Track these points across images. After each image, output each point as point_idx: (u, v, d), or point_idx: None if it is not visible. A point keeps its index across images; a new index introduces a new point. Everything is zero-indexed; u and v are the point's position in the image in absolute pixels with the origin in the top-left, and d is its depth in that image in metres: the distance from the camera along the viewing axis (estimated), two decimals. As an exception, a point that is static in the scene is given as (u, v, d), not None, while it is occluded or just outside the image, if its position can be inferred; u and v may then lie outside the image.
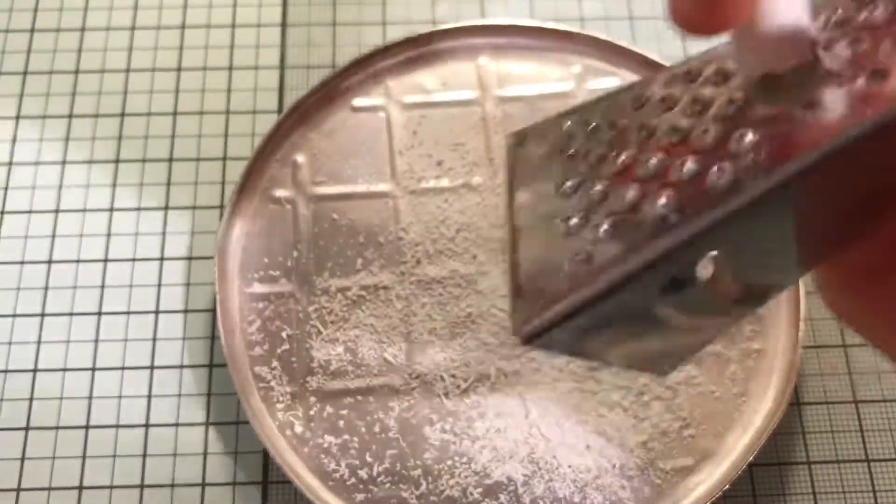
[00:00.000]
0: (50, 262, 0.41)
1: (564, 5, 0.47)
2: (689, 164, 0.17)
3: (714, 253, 0.17)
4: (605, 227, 0.18)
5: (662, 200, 0.17)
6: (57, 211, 0.42)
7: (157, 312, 0.40)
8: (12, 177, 0.43)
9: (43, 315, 0.40)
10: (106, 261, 0.41)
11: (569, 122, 0.21)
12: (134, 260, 0.41)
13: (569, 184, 0.20)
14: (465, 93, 0.44)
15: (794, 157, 0.16)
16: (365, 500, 0.36)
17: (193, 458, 0.38)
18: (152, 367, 0.39)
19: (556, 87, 0.44)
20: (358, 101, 0.43)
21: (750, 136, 0.17)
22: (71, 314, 0.40)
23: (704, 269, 0.17)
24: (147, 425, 0.38)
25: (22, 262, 0.41)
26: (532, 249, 0.19)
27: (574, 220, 0.19)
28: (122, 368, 0.39)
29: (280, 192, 0.41)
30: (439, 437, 0.37)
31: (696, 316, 0.19)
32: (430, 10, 0.47)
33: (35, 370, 0.39)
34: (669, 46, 0.46)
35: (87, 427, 0.38)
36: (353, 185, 0.42)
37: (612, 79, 0.44)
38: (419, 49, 0.44)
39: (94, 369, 0.39)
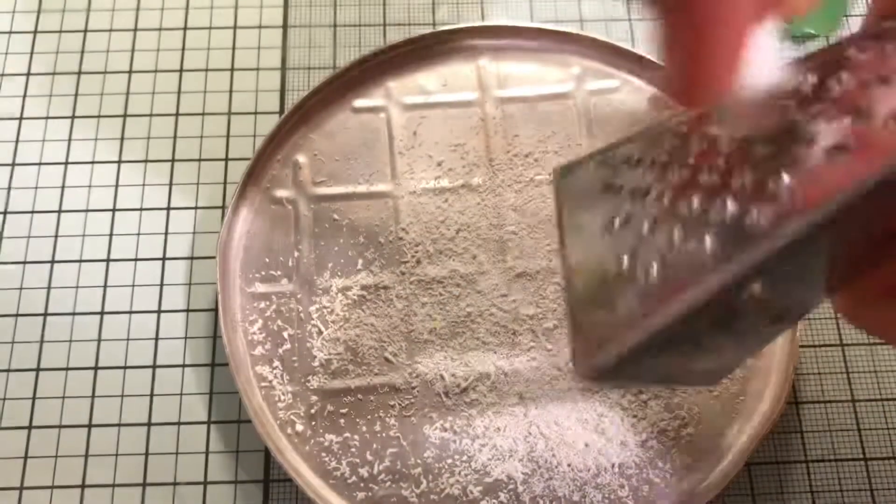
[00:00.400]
0: (52, 262, 0.41)
1: (564, 7, 0.48)
2: (731, 206, 0.18)
3: (758, 285, 0.18)
4: (655, 266, 0.19)
5: (709, 240, 0.18)
6: (59, 211, 0.43)
7: (159, 312, 0.41)
8: (15, 177, 0.43)
9: (45, 315, 0.40)
10: (108, 261, 0.42)
11: (613, 156, 0.22)
12: (136, 260, 0.42)
13: (617, 221, 0.21)
14: (465, 94, 0.44)
15: (830, 199, 0.17)
16: (366, 499, 0.36)
17: (195, 456, 0.38)
18: (154, 367, 0.40)
19: (555, 88, 0.44)
20: (359, 102, 0.44)
21: (786, 181, 0.18)
22: (73, 314, 0.40)
23: (749, 299, 0.19)
24: (149, 424, 0.39)
25: (24, 262, 0.41)
26: (587, 289, 0.20)
27: (625, 259, 0.20)
28: (125, 367, 0.40)
29: (281, 193, 0.42)
30: (439, 436, 0.37)
31: (740, 338, 0.20)
32: (431, 12, 0.48)
33: (38, 369, 0.39)
34: (668, 48, 0.46)
35: (89, 426, 0.38)
36: (353, 186, 0.42)
37: (611, 80, 0.44)
38: (420, 50, 0.44)
39: (96, 368, 0.39)
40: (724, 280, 0.18)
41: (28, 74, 0.46)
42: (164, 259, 0.42)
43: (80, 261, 0.41)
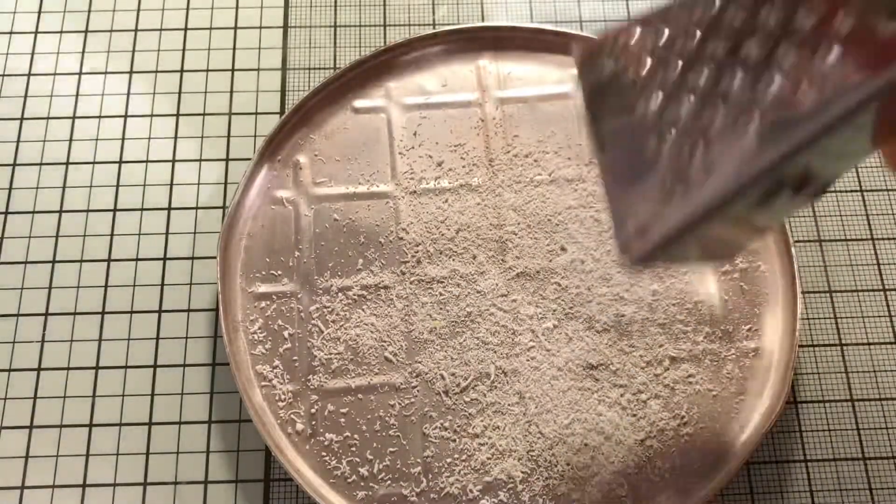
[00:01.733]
0: (54, 261, 0.42)
1: (564, 7, 0.48)
2: (776, 85, 0.18)
3: (804, 161, 0.18)
4: (699, 149, 0.18)
5: (755, 121, 0.18)
6: (60, 211, 0.43)
7: (159, 312, 0.41)
8: (16, 177, 0.43)
9: (46, 315, 0.41)
10: (109, 260, 0.42)
11: (640, 34, 0.21)
12: (137, 259, 0.42)
13: (653, 103, 0.20)
14: (465, 94, 0.44)
15: (878, 74, 0.17)
16: (366, 498, 0.36)
17: (196, 455, 0.38)
18: (155, 366, 0.40)
19: (555, 88, 0.44)
20: (359, 103, 0.44)
21: (835, 53, 0.17)
22: (74, 314, 0.41)
23: (792, 175, 0.18)
24: (150, 423, 0.39)
25: (25, 262, 0.42)
26: (626, 177, 0.20)
27: (667, 140, 0.19)
28: (126, 367, 0.40)
29: (282, 193, 0.42)
30: (439, 435, 0.37)
31: (775, 212, 0.20)
32: (431, 12, 0.48)
33: (39, 369, 0.40)
34: (668, 48, 0.46)
35: (90, 425, 0.39)
36: (354, 186, 0.42)
37: (611, 80, 0.44)
38: (420, 50, 0.44)
39: (97, 368, 0.40)
40: (771, 159, 0.17)
41: (29, 75, 0.46)
42: (164, 259, 0.42)
43: (81, 261, 0.42)
